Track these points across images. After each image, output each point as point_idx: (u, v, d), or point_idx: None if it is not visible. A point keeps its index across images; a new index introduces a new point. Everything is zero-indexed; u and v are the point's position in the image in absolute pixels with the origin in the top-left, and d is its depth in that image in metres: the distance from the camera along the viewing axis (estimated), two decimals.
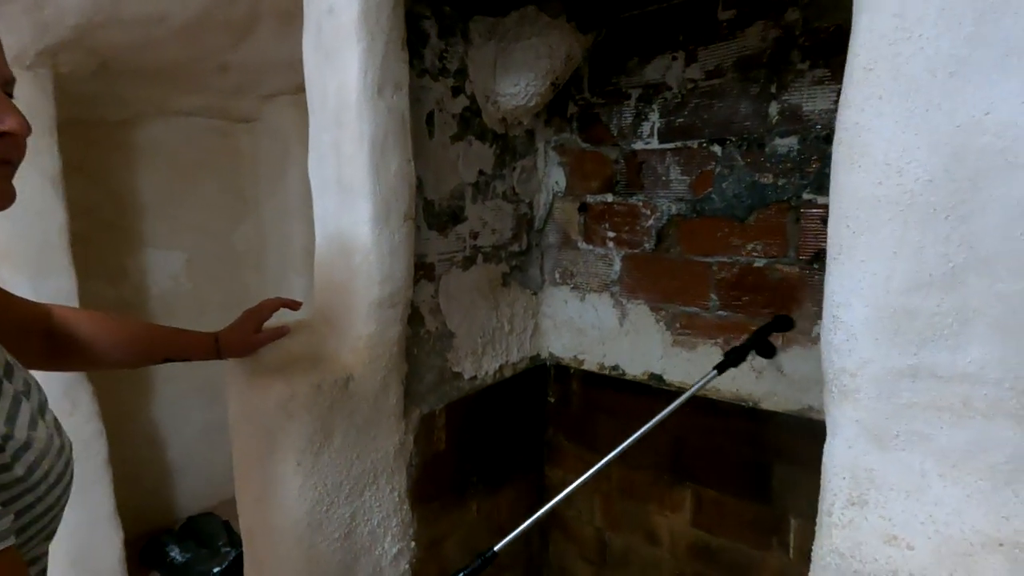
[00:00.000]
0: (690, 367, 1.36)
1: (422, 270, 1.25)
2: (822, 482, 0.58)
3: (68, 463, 0.60)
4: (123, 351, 0.88)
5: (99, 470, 1.84)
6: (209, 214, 2.49)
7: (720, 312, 1.30)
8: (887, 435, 0.53)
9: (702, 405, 1.33)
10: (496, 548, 0.90)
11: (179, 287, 2.42)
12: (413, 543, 1.24)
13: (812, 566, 0.59)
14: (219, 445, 2.57)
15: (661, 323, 1.40)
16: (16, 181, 0.57)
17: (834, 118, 1.12)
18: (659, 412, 1.42)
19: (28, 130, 0.55)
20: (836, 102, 1.11)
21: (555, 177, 1.55)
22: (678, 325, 1.38)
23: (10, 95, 0.56)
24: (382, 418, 1.12)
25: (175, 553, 2.12)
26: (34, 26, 1.46)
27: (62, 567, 1.78)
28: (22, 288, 1.58)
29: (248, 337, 1.01)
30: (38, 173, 1.64)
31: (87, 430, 1.79)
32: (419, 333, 1.24)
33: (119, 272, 2.24)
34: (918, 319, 0.50)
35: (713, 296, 1.31)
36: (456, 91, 1.28)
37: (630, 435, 1.47)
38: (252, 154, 2.59)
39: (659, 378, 1.41)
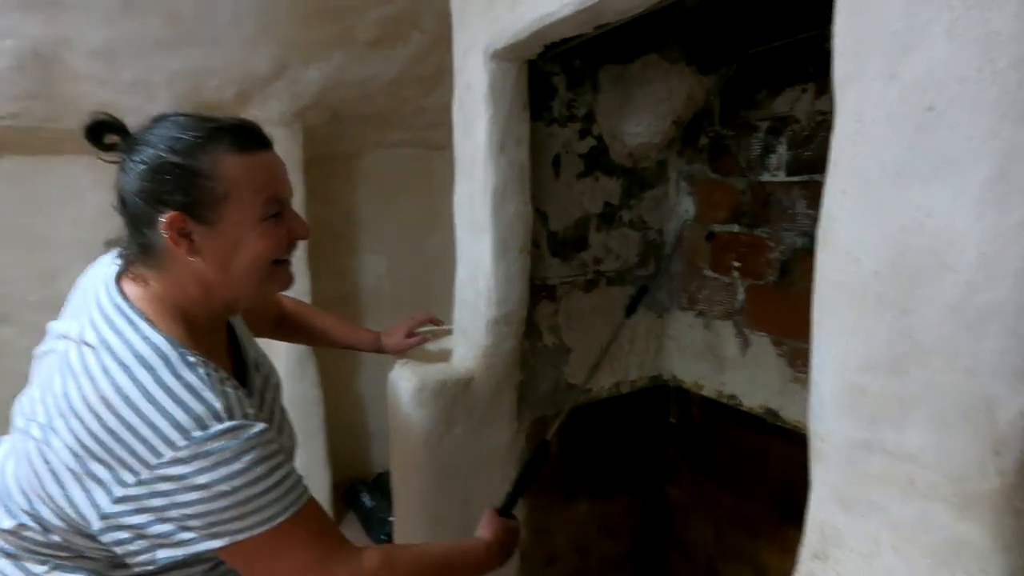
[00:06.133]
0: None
1: (544, 291, 1.43)
2: (804, 531, 0.62)
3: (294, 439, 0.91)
4: (321, 337, 1.29)
5: (317, 426, 2.41)
6: (406, 226, 3.00)
7: None
8: (850, 500, 0.55)
9: None
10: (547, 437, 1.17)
11: (382, 286, 2.98)
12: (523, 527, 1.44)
13: None
14: None
15: (783, 358, 1.38)
16: None
17: None
18: (774, 450, 1.39)
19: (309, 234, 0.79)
20: None
21: (685, 205, 1.60)
22: (799, 362, 1.34)
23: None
24: (496, 417, 1.34)
25: (366, 499, 2.65)
26: (291, 98, 2.02)
27: None
28: None
29: (403, 339, 1.33)
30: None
31: (311, 394, 2.36)
32: (536, 346, 1.43)
33: (341, 273, 2.85)
34: (868, 398, 0.52)
35: None
36: (583, 133, 1.43)
37: (745, 468, 1.47)
38: (442, 175, 3.04)
39: (775, 413, 1.38)
